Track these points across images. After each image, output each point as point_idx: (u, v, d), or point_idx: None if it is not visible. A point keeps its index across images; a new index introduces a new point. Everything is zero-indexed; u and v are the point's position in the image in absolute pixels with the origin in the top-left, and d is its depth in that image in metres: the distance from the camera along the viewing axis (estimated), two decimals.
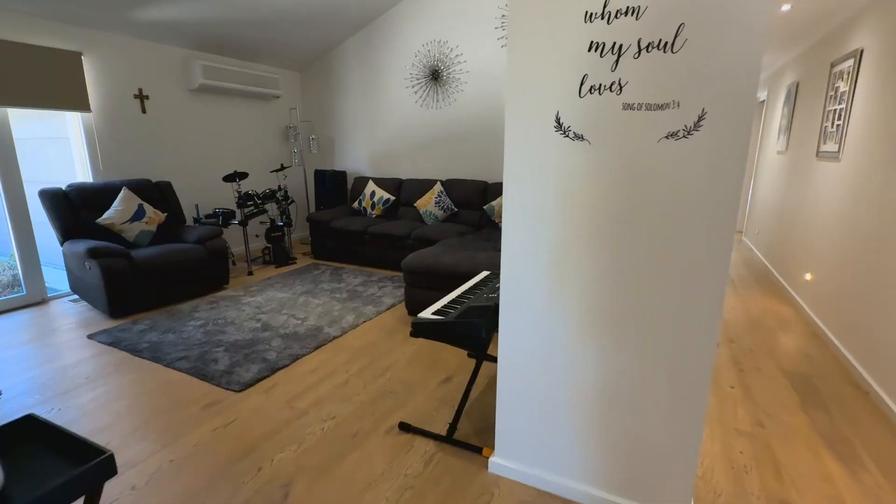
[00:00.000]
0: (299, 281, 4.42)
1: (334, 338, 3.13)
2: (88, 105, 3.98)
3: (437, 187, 5.07)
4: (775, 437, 2.11)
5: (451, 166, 5.37)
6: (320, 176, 5.89)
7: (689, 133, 1.29)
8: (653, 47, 1.27)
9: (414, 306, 3.51)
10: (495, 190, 4.86)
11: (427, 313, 2.01)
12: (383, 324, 3.39)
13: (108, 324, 3.40)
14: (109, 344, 3.04)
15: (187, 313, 3.57)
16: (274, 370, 2.68)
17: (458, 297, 2.21)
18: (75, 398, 2.41)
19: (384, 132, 5.71)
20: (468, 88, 5.05)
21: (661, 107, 1.30)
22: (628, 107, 1.34)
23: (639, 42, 1.29)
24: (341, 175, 5.88)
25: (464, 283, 3.24)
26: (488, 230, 4.63)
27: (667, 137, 1.31)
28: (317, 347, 2.99)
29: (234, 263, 5.10)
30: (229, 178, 4.61)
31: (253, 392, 2.47)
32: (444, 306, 2.08)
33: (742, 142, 1.24)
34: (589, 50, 1.35)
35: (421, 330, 1.95)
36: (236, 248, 5.52)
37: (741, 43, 1.19)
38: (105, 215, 3.81)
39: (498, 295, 2.08)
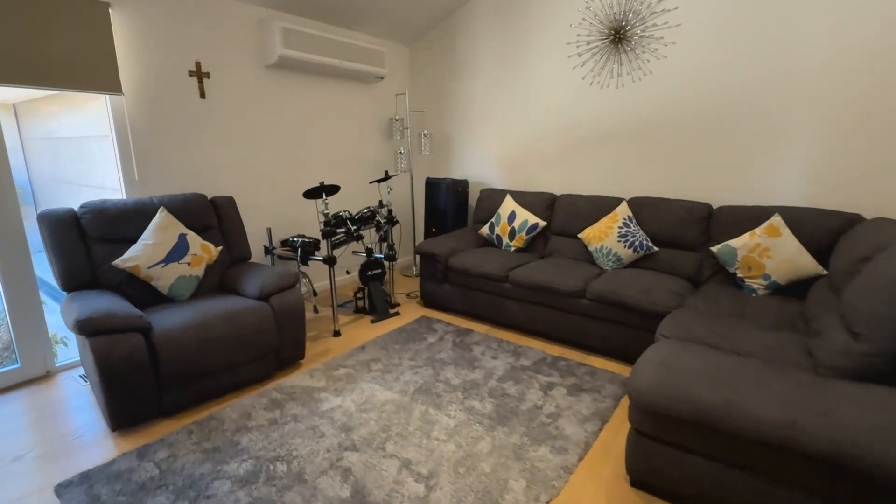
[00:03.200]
0: (408, 357, 2.80)
1: None
2: (119, 84, 2.67)
3: (623, 210, 3.19)
4: None
5: (639, 180, 3.45)
6: (433, 187, 4.28)
7: None
8: None
9: (651, 474, 1.69)
10: (727, 220, 2.88)
11: None
12: None
13: (102, 451, 1.99)
14: None
15: (230, 433, 2.08)
16: None
17: None
18: None
19: (527, 125, 3.94)
20: (675, 54, 3.12)
21: None
22: None
23: None
24: (462, 185, 4.23)
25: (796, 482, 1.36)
26: (724, 291, 2.63)
27: None
28: None
29: (316, 310, 3.64)
30: (312, 194, 3.12)
31: None
32: None
33: None
34: None
35: None
36: (321, 282, 4.08)
37: None
38: (126, 254, 2.45)
39: None
